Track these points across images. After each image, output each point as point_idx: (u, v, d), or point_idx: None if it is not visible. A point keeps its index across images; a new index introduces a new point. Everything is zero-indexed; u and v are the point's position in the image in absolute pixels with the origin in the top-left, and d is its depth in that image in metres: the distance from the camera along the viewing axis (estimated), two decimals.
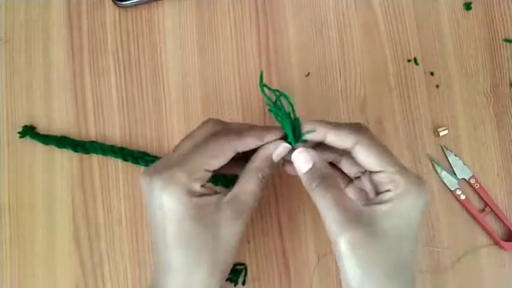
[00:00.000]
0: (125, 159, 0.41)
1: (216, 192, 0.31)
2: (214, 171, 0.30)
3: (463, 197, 0.43)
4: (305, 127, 0.32)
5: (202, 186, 0.30)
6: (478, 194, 0.44)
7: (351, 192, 0.35)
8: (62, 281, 0.40)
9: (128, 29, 0.45)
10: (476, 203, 0.44)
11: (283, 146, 0.32)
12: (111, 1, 0.44)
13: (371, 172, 0.31)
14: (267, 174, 0.32)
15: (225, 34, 0.45)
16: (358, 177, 0.34)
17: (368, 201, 0.31)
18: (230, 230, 0.30)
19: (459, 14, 0.47)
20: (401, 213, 0.29)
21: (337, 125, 0.31)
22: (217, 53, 0.45)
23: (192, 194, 0.29)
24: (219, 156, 0.30)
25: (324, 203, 0.29)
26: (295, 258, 0.42)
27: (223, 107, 0.44)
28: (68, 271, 0.41)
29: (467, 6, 0.47)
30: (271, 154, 0.32)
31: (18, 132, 0.42)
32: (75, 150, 0.42)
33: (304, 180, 0.31)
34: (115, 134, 0.43)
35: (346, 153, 0.33)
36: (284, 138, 0.33)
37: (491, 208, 0.44)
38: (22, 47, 0.44)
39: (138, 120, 0.43)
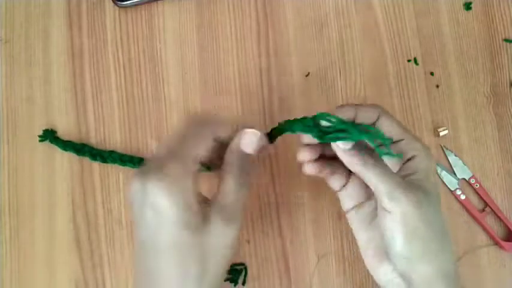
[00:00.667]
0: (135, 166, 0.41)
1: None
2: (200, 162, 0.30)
3: (463, 197, 0.43)
4: (337, 111, 0.32)
5: (194, 182, 0.28)
6: (478, 194, 0.44)
7: (351, 189, 0.35)
8: (62, 281, 0.40)
9: (127, 29, 0.45)
10: (476, 203, 0.44)
11: (250, 133, 0.31)
12: (111, 1, 0.44)
13: (393, 142, 0.32)
14: (244, 169, 0.31)
15: (225, 34, 0.45)
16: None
17: (400, 172, 0.32)
18: (220, 238, 0.29)
19: (459, 14, 0.47)
20: (431, 176, 0.31)
21: (360, 104, 0.33)
22: (217, 53, 0.45)
23: (188, 197, 0.27)
24: (201, 142, 0.30)
25: (376, 173, 0.29)
26: (295, 258, 0.42)
27: (223, 107, 0.44)
28: (68, 271, 0.41)
29: (467, 6, 0.47)
30: (239, 145, 0.31)
31: (39, 136, 0.42)
32: (94, 159, 0.42)
33: (351, 160, 0.30)
34: (115, 134, 0.43)
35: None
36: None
37: (491, 208, 0.44)
38: (22, 47, 0.44)
39: (138, 120, 0.43)
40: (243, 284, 0.41)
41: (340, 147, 0.30)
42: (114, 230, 0.41)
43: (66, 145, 0.42)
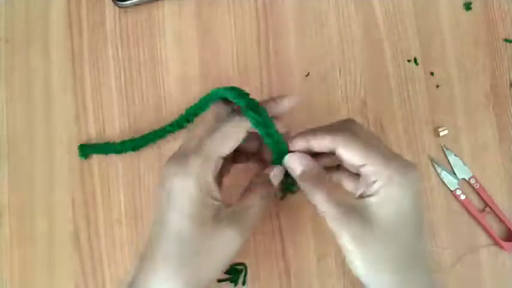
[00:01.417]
0: (181, 127, 0.42)
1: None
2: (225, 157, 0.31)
3: (463, 197, 0.43)
4: (290, 145, 0.33)
5: (214, 178, 0.30)
6: (478, 194, 0.44)
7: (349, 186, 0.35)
8: (62, 281, 0.40)
9: (128, 29, 0.45)
10: (476, 203, 0.44)
11: (278, 169, 0.33)
12: (111, 1, 0.44)
13: (358, 167, 0.31)
14: (266, 195, 0.32)
15: (225, 34, 0.45)
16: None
17: (360, 195, 0.31)
18: (227, 246, 0.29)
19: (459, 14, 0.47)
20: (391, 202, 0.29)
21: (314, 133, 0.32)
22: (217, 53, 0.45)
23: (201, 186, 0.29)
24: (228, 142, 0.31)
25: (319, 202, 0.31)
26: (295, 258, 0.42)
27: None
28: (68, 271, 0.41)
29: (467, 6, 0.47)
30: (270, 176, 0.33)
31: (80, 156, 0.42)
32: (135, 149, 0.42)
33: (298, 182, 0.32)
34: (115, 134, 0.43)
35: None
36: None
37: (491, 208, 0.44)
38: (22, 47, 0.44)
39: (138, 120, 0.43)
40: (243, 284, 0.41)
41: (291, 172, 0.33)
42: (114, 230, 0.41)
43: (107, 149, 0.42)
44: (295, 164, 0.32)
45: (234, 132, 0.31)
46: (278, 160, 0.33)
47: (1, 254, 0.41)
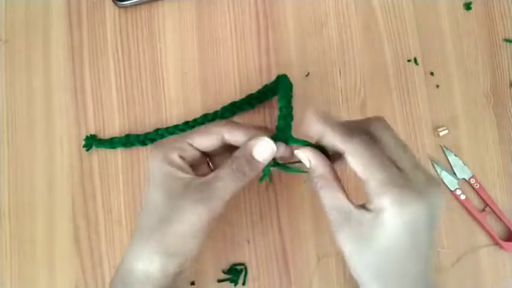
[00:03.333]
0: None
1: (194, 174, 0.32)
2: (203, 152, 0.33)
3: (463, 197, 0.43)
4: (305, 119, 0.32)
5: (181, 158, 0.32)
6: (478, 194, 0.44)
7: None
8: (62, 281, 0.40)
9: (127, 29, 0.45)
10: (476, 203, 0.44)
11: (265, 142, 0.32)
12: (111, 1, 0.44)
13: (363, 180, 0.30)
14: (246, 171, 0.31)
15: (225, 34, 0.45)
16: None
17: (363, 204, 0.29)
18: (192, 214, 0.30)
19: (459, 14, 0.47)
20: (382, 227, 0.27)
21: (332, 128, 0.30)
22: (217, 53, 0.45)
23: (168, 161, 0.31)
24: (204, 136, 0.33)
25: (322, 201, 0.31)
26: (295, 258, 0.42)
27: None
28: (68, 271, 0.41)
29: (467, 6, 0.47)
30: (252, 150, 0.32)
31: (83, 146, 0.42)
32: (144, 144, 0.42)
33: (310, 176, 0.32)
34: (115, 133, 0.43)
35: None
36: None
37: (491, 208, 0.44)
38: (22, 47, 0.44)
39: (138, 120, 0.43)
40: (243, 284, 0.41)
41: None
42: (114, 230, 0.41)
43: (113, 142, 0.42)
44: (306, 159, 0.32)
45: (211, 131, 0.33)
46: (279, 135, 0.33)
47: (1, 254, 0.41)
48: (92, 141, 0.42)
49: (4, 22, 0.44)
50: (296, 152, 0.32)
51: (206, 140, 0.33)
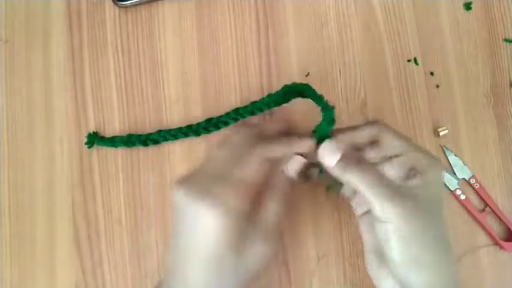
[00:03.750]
0: (197, 134, 0.41)
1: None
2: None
3: (463, 197, 0.43)
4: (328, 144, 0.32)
5: (244, 203, 0.29)
6: (478, 194, 0.44)
7: (358, 197, 0.35)
8: (62, 281, 0.40)
9: (127, 29, 0.45)
10: (476, 203, 0.44)
11: (296, 159, 0.32)
12: (111, 1, 0.44)
13: (396, 156, 0.32)
14: (286, 192, 0.32)
15: (225, 34, 0.45)
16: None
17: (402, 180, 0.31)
18: (257, 258, 0.29)
19: (459, 14, 0.47)
20: (429, 185, 0.31)
21: (355, 126, 0.33)
22: (217, 53, 0.45)
23: (237, 215, 0.28)
24: (251, 167, 0.30)
25: (366, 183, 0.30)
26: (295, 258, 0.42)
27: (223, 106, 0.44)
28: (68, 271, 0.41)
29: (467, 6, 0.47)
30: (286, 170, 0.32)
31: (86, 143, 0.42)
32: (146, 145, 0.42)
33: (336, 171, 0.32)
34: (115, 133, 0.43)
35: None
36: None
37: (491, 208, 0.44)
38: (22, 47, 0.44)
39: (138, 120, 0.43)
40: None
41: (326, 165, 0.32)
42: (114, 230, 0.41)
43: (114, 141, 0.42)
44: (329, 153, 0.32)
45: (257, 161, 0.30)
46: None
47: (1, 254, 0.41)
48: (94, 139, 0.42)
49: (4, 22, 0.44)
50: (324, 145, 0.32)
51: (257, 170, 0.30)
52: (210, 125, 0.41)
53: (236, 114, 0.41)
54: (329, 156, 0.32)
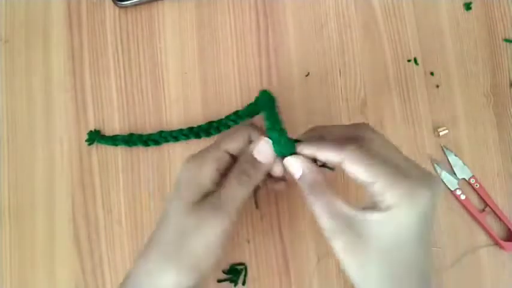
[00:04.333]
0: (197, 136, 0.41)
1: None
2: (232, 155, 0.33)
3: (463, 197, 0.43)
4: (297, 150, 0.32)
5: (217, 170, 0.32)
6: (478, 194, 0.44)
7: None
8: (62, 281, 0.40)
9: (127, 29, 0.45)
10: (476, 203, 0.44)
11: (263, 142, 0.33)
12: (111, 1, 0.44)
13: (365, 184, 0.30)
14: (251, 174, 0.32)
15: (225, 34, 0.45)
16: None
17: (363, 208, 0.29)
18: (207, 227, 0.30)
19: (459, 14, 0.47)
20: (394, 223, 0.28)
21: (321, 144, 0.31)
22: (217, 53, 0.45)
23: (203, 175, 0.31)
24: (234, 138, 0.33)
25: (315, 211, 0.30)
26: (295, 258, 0.42)
27: (223, 106, 0.44)
28: (68, 271, 0.41)
29: (467, 6, 0.47)
30: (252, 151, 0.32)
31: (86, 140, 0.42)
32: (147, 145, 0.42)
33: (299, 185, 0.32)
34: (115, 133, 0.43)
35: None
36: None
37: (491, 208, 0.44)
38: (22, 47, 0.44)
39: (138, 120, 0.43)
40: (243, 284, 0.41)
41: (292, 175, 0.32)
42: (114, 230, 0.41)
43: (116, 140, 0.42)
44: (294, 167, 0.32)
45: (242, 133, 0.33)
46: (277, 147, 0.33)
47: (1, 254, 0.41)
48: (95, 137, 0.42)
49: (4, 22, 0.44)
50: (285, 160, 0.32)
51: (236, 142, 0.33)
52: (212, 127, 0.41)
53: (236, 117, 0.41)
54: (293, 169, 0.32)
